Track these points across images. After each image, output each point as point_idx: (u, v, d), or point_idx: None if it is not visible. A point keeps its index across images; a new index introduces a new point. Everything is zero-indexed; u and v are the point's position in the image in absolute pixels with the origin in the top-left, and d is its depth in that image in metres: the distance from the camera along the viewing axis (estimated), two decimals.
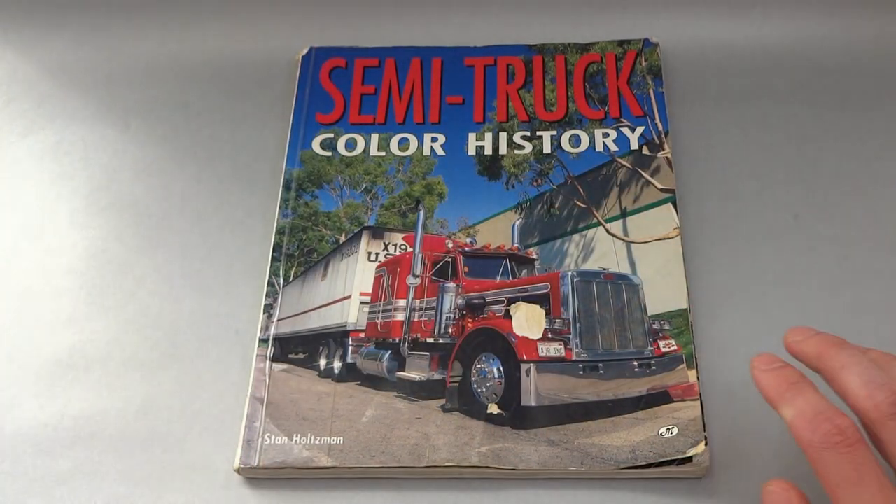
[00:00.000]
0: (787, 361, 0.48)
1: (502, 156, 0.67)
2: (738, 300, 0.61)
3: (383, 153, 0.68)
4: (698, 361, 0.57)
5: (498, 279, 0.68)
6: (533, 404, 0.56)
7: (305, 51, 0.73)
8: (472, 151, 0.67)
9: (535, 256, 0.65)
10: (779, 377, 0.46)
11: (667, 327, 0.59)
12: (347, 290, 0.67)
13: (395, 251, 0.67)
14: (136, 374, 0.59)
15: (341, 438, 0.54)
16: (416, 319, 0.67)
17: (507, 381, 0.57)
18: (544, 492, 0.53)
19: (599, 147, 0.67)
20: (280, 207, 0.65)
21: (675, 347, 0.58)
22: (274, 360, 0.59)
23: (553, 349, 0.58)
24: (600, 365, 0.58)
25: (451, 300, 0.65)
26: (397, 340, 0.66)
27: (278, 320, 0.61)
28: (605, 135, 0.67)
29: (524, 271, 0.68)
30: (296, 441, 0.54)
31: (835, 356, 0.45)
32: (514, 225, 0.65)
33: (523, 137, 0.68)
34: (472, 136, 0.68)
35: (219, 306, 0.62)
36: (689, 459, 0.52)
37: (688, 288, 0.60)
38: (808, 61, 0.73)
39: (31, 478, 0.55)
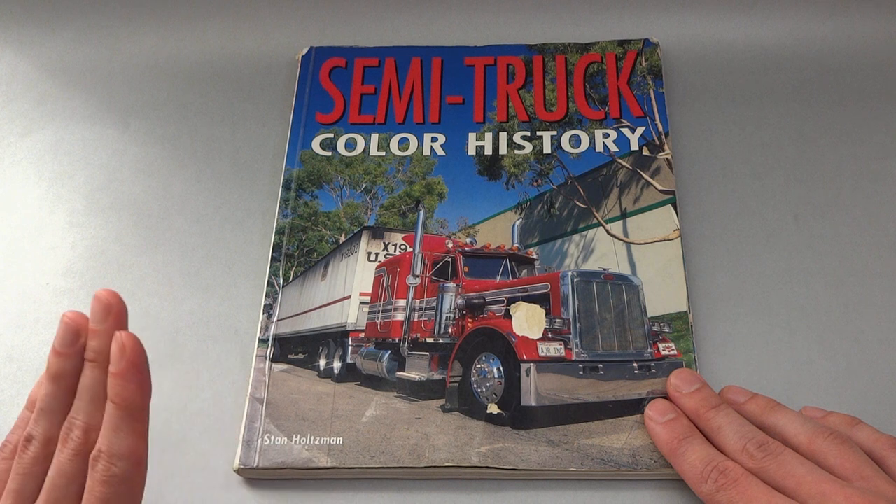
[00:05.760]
0: (679, 410, 0.53)
1: (502, 156, 0.67)
2: (738, 301, 0.61)
3: (383, 153, 0.68)
4: (698, 363, 0.57)
5: (498, 279, 0.68)
6: (533, 404, 0.56)
7: (305, 51, 0.73)
8: (472, 151, 0.67)
9: (535, 256, 0.65)
10: (670, 431, 0.51)
11: (666, 329, 0.59)
12: (347, 291, 0.67)
13: (395, 251, 0.67)
14: None
15: (341, 438, 0.54)
16: (415, 319, 0.67)
17: (507, 381, 0.57)
18: (544, 492, 0.53)
19: (599, 147, 0.67)
20: (280, 207, 0.65)
21: (675, 353, 0.58)
22: (274, 360, 0.59)
23: (553, 349, 0.58)
24: (600, 365, 0.58)
25: (451, 300, 0.65)
26: (397, 340, 0.66)
27: (278, 320, 0.61)
28: (606, 135, 0.67)
29: (524, 271, 0.67)
30: (295, 441, 0.54)
31: (712, 418, 0.51)
32: (514, 225, 0.65)
33: (523, 137, 0.68)
34: (472, 136, 0.68)
35: (219, 306, 0.62)
36: None
37: (688, 290, 0.60)
38: (808, 61, 0.73)
39: None
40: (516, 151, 0.67)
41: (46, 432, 0.44)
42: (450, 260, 0.68)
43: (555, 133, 0.68)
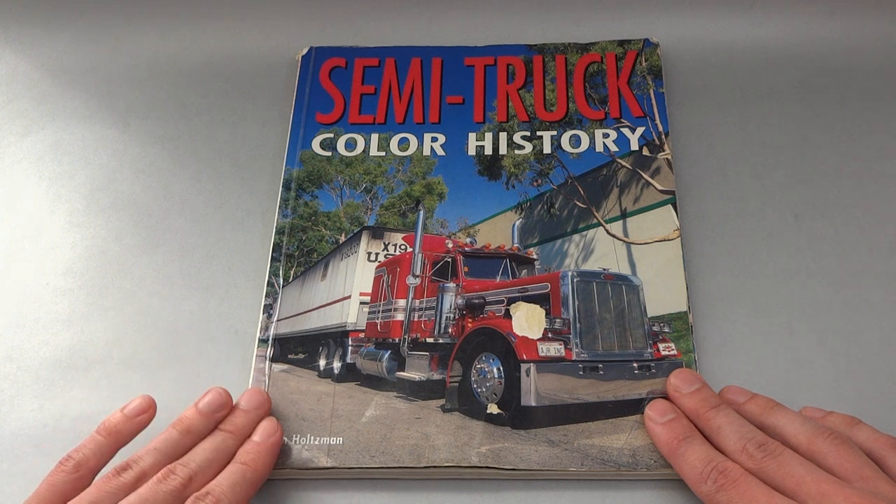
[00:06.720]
0: (679, 410, 0.53)
1: (502, 156, 0.67)
2: (738, 301, 0.61)
3: (383, 153, 0.68)
4: (698, 363, 0.57)
5: (498, 279, 0.68)
6: (533, 404, 0.56)
7: (305, 51, 0.73)
8: (472, 151, 0.67)
9: (535, 256, 0.65)
10: (670, 432, 0.51)
11: (666, 330, 0.59)
12: (347, 291, 0.67)
13: (395, 251, 0.67)
14: (136, 374, 0.59)
15: (341, 439, 0.54)
16: (415, 319, 0.67)
17: (506, 381, 0.57)
18: (544, 492, 0.53)
19: (599, 147, 0.67)
20: (280, 207, 0.65)
21: (675, 353, 0.58)
22: (274, 360, 0.59)
23: (553, 349, 0.58)
24: (600, 365, 0.58)
25: (451, 300, 0.65)
26: (397, 340, 0.66)
27: (278, 320, 0.61)
28: (606, 135, 0.67)
29: (524, 271, 0.67)
30: (295, 441, 0.54)
31: (711, 419, 0.51)
32: (514, 225, 0.65)
33: (523, 137, 0.68)
34: (472, 136, 0.68)
35: (219, 306, 0.62)
36: None
37: (688, 290, 0.60)
38: (808, 61, 0.73)
39: (31, 478, 0.54)
40: (516, 151, 0.67)
41: (147, 469, 0.49)
42: (450, 260, 0.68)
43: (555, 133, 0.68)
